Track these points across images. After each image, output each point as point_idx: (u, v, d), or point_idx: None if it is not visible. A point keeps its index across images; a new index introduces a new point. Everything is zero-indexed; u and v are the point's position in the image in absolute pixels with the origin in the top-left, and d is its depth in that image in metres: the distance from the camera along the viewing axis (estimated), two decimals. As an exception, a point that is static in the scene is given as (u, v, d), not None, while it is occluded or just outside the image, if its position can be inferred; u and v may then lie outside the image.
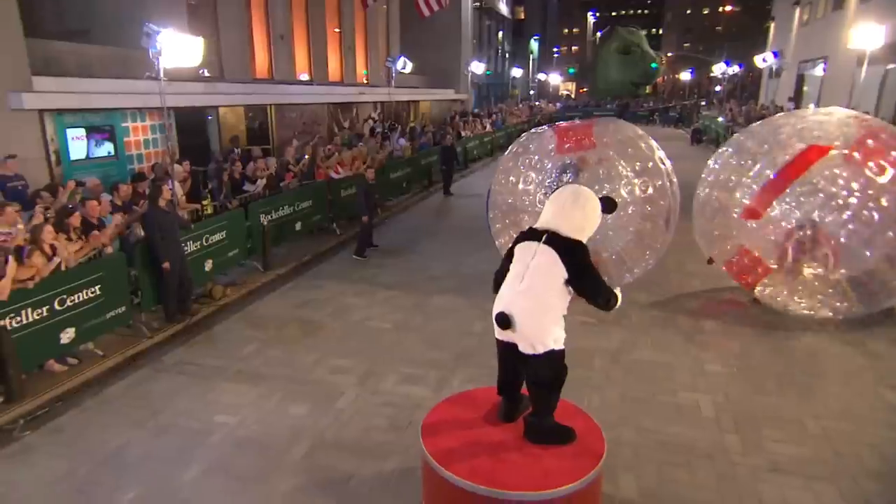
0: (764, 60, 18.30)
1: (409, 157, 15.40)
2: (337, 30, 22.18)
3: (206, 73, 16.13)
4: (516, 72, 39.16)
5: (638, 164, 7.24)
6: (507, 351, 3.66)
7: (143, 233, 6.91)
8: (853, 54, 20.34)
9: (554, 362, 3.51)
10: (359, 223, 9.87)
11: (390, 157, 14.91)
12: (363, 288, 8.25)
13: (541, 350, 3.44)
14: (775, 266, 6.87)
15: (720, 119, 22.93)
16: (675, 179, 6.97)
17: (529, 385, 3.67)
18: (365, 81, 24.09)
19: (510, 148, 7.86)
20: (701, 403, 5.16)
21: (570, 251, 3.41)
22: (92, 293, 6.12)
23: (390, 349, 6.37)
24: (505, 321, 3.45)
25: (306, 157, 11.51)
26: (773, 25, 30.89)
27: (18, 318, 5.41)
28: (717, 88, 43.42)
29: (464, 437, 3.72)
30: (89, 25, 13.29)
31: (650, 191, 7.20)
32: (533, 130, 8.13)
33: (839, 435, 4.67)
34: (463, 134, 20.09)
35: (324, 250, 10.12)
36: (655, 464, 4.36)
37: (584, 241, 3.50)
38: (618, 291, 3.58)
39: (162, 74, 7.29)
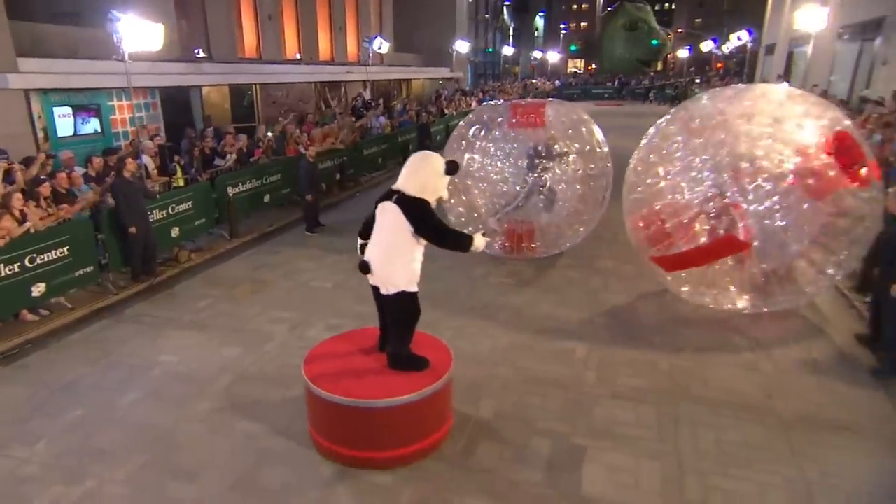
0: (739, 39, 18.47)
1: (385, 135, 16.01)
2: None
3: (202, 54, 16.85)
4: (508, 50, 39.17)
5: (577, 145, 7.97)
6: (375, 292, 4.40)
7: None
8: (834, 33, 20.50)
9: (404, 302, 4.24)
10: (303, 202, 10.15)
11: (368, 134, 15.55)
12: (316, 253, 9.01)
13: (392, 291, 4.17)
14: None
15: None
16: (609, 163, 7.96)
17: (389, 321, 4.42)
18: (357, 60, 24.63)
19: (467, 117, 8.61)
20: (578, 349, 5.88)
21: (412, 207, 4.10)
22: (61, 253, 6.94)
23: (324, 304, 7.15)
24: (362, 267, 4.20)
25: (269, 134, 12.18)
26: (769, 4, 30.66)
27: (-4, 274, 6.25)
28: (719, 66, 43.07)
29: (338, 364, 4.50)
30: (80, 9, 13.97)
31: (587, 170, 7.95)
32: (490, 103, 8.92)
33: (681, 371, 5.39)
34: (446, 112, 20.58)
35: (289, 221, 10.88)
36: (518, 393, 5.11)
37: (429, 198, 4.18)
38: (478, 237, 4.23)
39: (127, 57, 8.03)
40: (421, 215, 4.10)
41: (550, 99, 8.86)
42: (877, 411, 4.81)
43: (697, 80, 37.19)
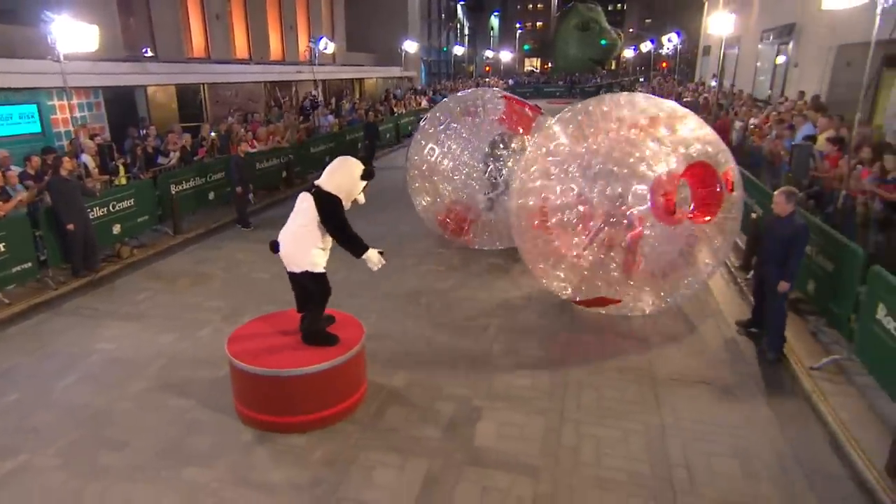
0: (669, 40, 19.50)
1: (333, 133, 16.35)
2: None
3: (149, 53, 16.78)
4: (458, 49, 39.84)
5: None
6: (288, 272, 4.86)
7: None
8: (756, 36, 21.86)
9: (311, 281, 4.70)
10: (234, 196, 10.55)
11: (316, 132, 15.86)
12: (257, 246, 9.31)
13: (297, 270, 4.64)
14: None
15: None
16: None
17: (301, 298, 4.89)
18: (308, 59, 24.78)
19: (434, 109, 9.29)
20: (490, 326, 6.45)
21: (324, 200, 4.56)
22: (-2, 250, 7.12)
23: (260, 293, 7.53)
24: (272, 246, 4.68)
25: (213, 133, 12.39)
26: (706, 5, 32.20)
27: (-71, 269, 6.41)
28: (664, 65, 44.65)
29: (259, 342, 4.93)
30: (16, 6, 13.80)
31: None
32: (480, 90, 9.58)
33: (579, 343, 6.02)
34: (395, 111, 21.00)
35: (234, 218, 11.14)
36: (429, 365, 5.64)
37: (343, 198, 4.62)
38: (372, 252, 4.66)
39: (62, 57, 8.19)
40: (330, 210, 4.55)
41: (541, 112, 9.09)
42: (738, 368, 5.54)
43: (641, 80, 38.59)
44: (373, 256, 4.69)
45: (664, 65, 42.71)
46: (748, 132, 12.54)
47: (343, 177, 4.69)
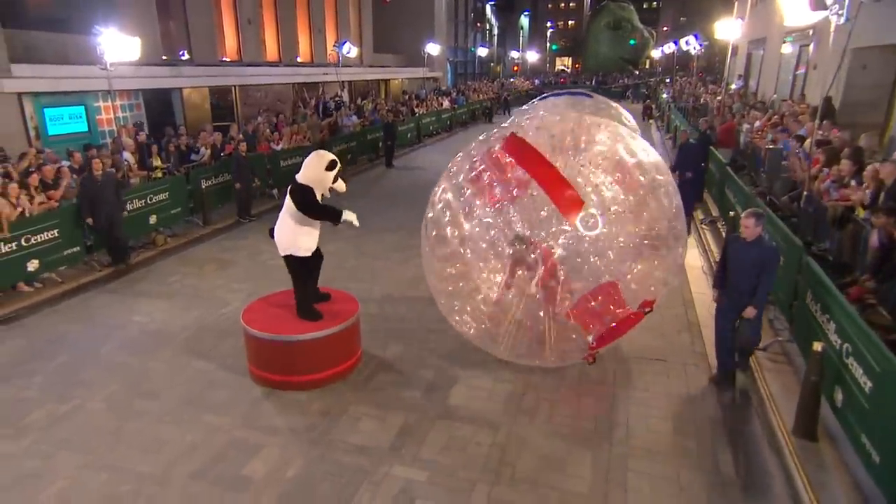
0: (687, 43, 19.82)
1: (354, 133, 17.32)
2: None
3: (185, 56, 18.08)
4: (482, 51, 40.50)
5: None
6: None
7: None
8: (781, 37, 21.96)
9: (294, 262, 5.56)
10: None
11: (339, 132, 16.85)
12: (277, 238, 10.33)
13: (282, 252, 5.53)
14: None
15: (664, 96, 24.54)
16: None
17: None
18: (336, 61, 25.91)
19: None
20: (478, 309, 7.21)
21: (296, 191, 5.39)
22: (51, 235, 8.23)
23: (277, 278, 8.39)
24: (270, 233, 5.58)
25: (240, 134, 13.41)
26: (736, 5, 32.17)
27: (-3, 251, 7.53)
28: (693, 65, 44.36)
29: (270, 313, 5.83)
30: (68, 15, 15.18)
31: None
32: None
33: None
34: (416, 111, 21.88)
35: (259, 211, 12.17)
36: (419, 341, 6.45)
37: (315, 187, 5.37)
38: (347, 212, 5.40)
39: (109, 66, 9.31)
40: (301, 198, 5.36)
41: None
42: (695, 349, 6.20)
43: (667, 80, 38.63)
44: (348, 215, 5.42)
45: (693, 65, 42.52)
46: (752, 135, 12.97)
47: (311, 169, 5.42)
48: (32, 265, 8.01)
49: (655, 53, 42.59)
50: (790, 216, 8.90)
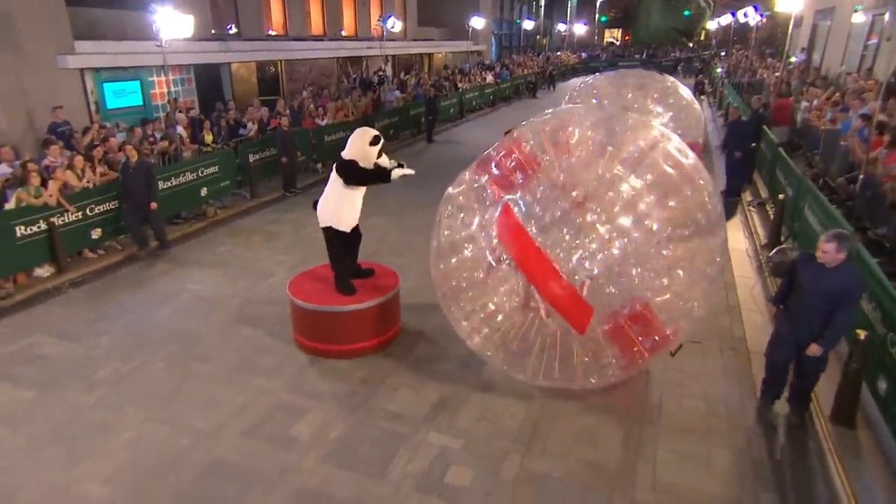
0: (746, 15, 18.94)
1: (397, 108, 17.46)
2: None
3: (233, 30, 18.50)
4: (527, 24, 39.62)
5: None
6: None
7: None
8: (850, 7, 20.69)
9: (333, 235, 5.77)
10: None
11: (381, 106, 17.03)
12: (321, 212, 10.67)
13: (322, 224, 5.75)
14: None
15: (718, 70, 23.62)
16: None
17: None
18: (380, 35, 25.95)
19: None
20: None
21: (341, 167, 5.60)
22: (112, 206, 8.75)
23: (320, 251, 8.59)
24: (314, 205, 5.80)
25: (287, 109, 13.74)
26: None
27: (63, 219, 8.07)
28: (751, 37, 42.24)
29: (315, 285, 6.12)
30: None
31: None
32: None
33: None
34: (460, 87, 21.80)
35: (304, 185, 12.54)
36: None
37: (360, 160, 5.55)
38: (395, 170, 5.57)
39: (164, 43, 9.70)
40: (346, 171, 5.56)
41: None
42: (725, 332, 6.19)
43: (722, 53, 37.01)
44: (396, 172, 5.58)
45: (751, 37, 40.51)
46: (810, 113, 12.46)
47: (355, 146, 5.61)
48: (96, 233, 8.56)
49: (711, 25, 40.63)
50: (845, 199, 8.64)
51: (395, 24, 18.00)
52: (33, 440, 4.77)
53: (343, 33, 23.74)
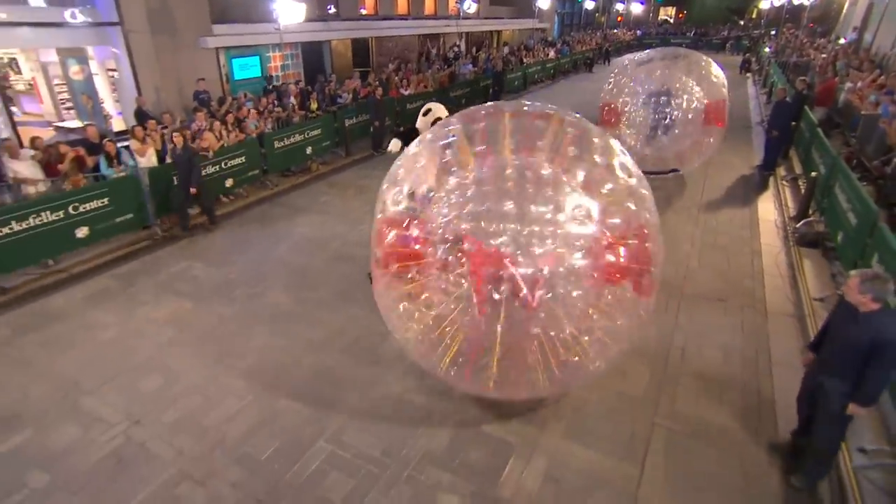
0: (798, -6, 16.77)
1: (469, 80, 17.06)
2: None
3: (333, 10, 18.45)
4: (589, 3, 36.81)
5: None
6: None
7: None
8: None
9: None
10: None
11: (455, 78, 16.69)
12: (403, 171, 10.84)
13: None
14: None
15: (766, 49, 21.36)
16: None
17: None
18: (456, 13, 25.06)
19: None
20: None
21: (405, 134, 5.79)
22: (241, 161, 9.27)
23: (402, 204, 9.02)
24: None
25: (375, 81, 13.71)
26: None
27: (206, 172, 8.65)
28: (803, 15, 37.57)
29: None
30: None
31: None
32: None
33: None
34: (524, 61, 20.92)
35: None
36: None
37: (419, 128, 5.72)
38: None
39: (281, 26, 9.87)
40: (409, 136, 5.65)
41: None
42: (748, 293, 5.97)
43: (772, 33, 33.23)
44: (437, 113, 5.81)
45: (804, 16, 36.03)
46: (853, 94, 11.21)
47: (420, 119, 5.86)
48: (229, 182, 9.14)
49: (765, 4, 36.42)
50: (877, 178, 7.89)
51: (470, 6, 17.29)
52: (193, 339, 5.39)
53: (424, 13, 23.13)
